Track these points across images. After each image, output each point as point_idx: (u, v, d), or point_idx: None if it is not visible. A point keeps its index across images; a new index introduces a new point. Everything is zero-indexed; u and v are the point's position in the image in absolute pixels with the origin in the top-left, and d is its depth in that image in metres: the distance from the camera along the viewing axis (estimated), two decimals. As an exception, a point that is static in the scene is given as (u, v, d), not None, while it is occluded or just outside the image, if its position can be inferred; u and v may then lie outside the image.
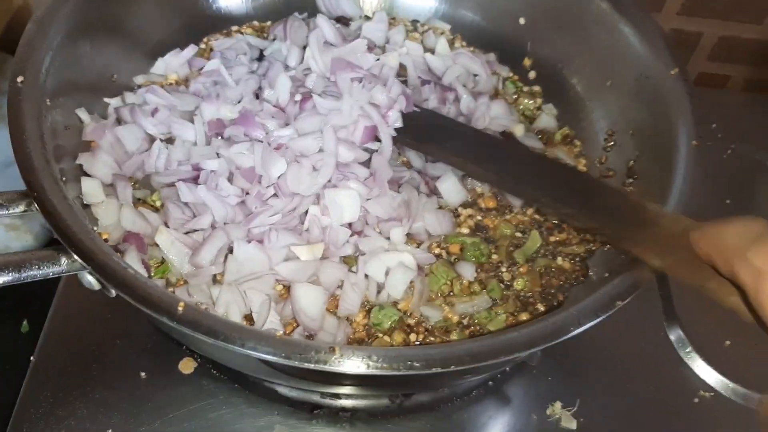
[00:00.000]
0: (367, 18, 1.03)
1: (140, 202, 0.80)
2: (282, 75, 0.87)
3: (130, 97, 0.87)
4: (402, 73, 0.94)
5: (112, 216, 0.75)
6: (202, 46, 0.98)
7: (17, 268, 0.60)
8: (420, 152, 0.86)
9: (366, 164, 0.82)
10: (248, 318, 0.73)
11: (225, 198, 0.77)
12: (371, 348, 0.62)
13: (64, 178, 0.68)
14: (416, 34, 1.02)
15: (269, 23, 1.02)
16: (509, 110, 0.94)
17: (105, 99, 0.86)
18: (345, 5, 1.02)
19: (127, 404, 0.77)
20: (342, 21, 1.01)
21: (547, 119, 0.95)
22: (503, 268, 0.80)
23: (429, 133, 0.85)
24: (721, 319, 0.84)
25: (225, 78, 0.89)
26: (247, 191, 0.79)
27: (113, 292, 0.65)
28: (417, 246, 0.80)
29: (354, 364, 0.58)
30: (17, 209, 0.65)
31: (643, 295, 0.67)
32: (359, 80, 0.87)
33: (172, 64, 0.93)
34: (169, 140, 0.85)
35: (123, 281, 0.61)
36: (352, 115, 0.84)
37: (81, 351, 0.80)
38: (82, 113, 0.81)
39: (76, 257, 0.61)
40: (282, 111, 0.86)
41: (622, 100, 0.90)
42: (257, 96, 0.88)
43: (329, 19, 0.96)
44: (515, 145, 0.89)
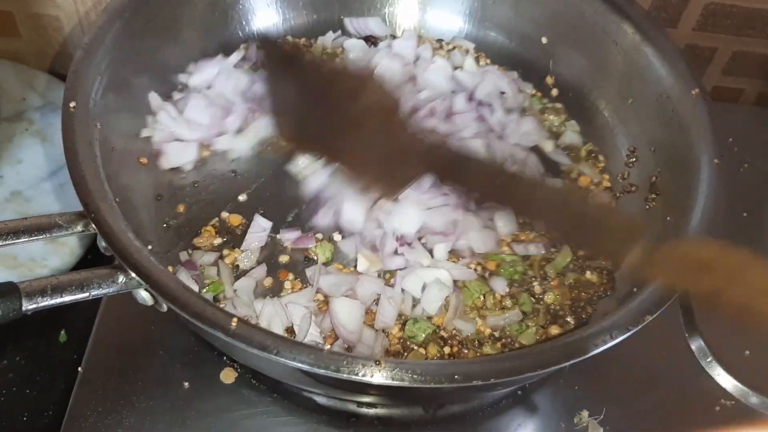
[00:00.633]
0: (394, 37, 1.06)
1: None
2: None
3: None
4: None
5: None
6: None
7: (80, 287, 0.63)
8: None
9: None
10: (289, 330, 0.76)
11: None
12: (414, 362, 0.65)
13: (118, 199, 0.72)
14: (442, 52, 1.05)
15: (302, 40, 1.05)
16: (539, 126, 0.97)
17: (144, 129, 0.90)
18: (373, 25, 1.05)
19: (171, 413, 0.80)
20: (370, 40, 1.04)
21: (572, 135, 0.98)
22: (534, 282, 0.83)
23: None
24: (741, 330, 0.87)
25: None
26: None
27: (165, 307, 0.68)
28: (455, 261, 0.83)
29: (398, 377, 0.61)
30: (76, 229, 0.68)
31: (665, 306, 0.70)
32: None
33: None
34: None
35: (178, 298, 0.64)
36: None
37: (126, 362, 0.83)
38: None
39: (134, 275, 0.65)
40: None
41: (644, 119, 0.93)
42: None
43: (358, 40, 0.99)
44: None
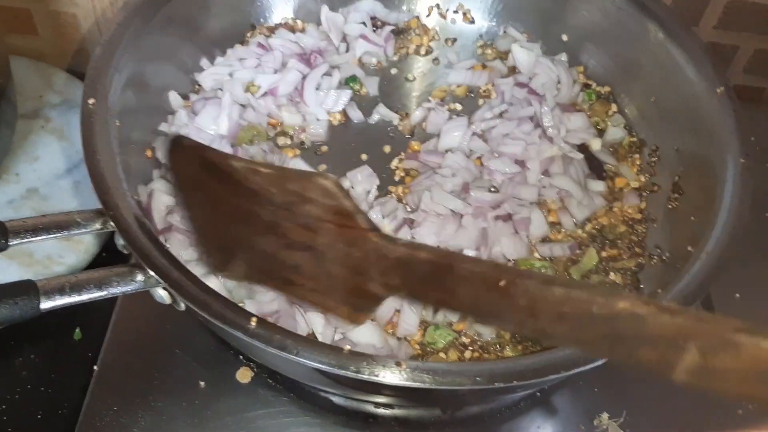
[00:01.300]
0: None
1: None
2: None
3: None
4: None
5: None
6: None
7: (98, 285, 0.62)
8: None
9: None
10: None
11: None
12: (434, 364, 0.64)
13: (136, 197, 0.71)
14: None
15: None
16: (588, 123, 0.95)
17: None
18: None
19: (188, 413, 0.79)
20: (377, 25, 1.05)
21: (615, 131, 0.96)
22: (558, 285, 0.81)
23: None
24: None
25: None
26: None
27: (183, 306, 0.68)
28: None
29: (418, 379, 0.60)
30: (94, 227, 0.67)
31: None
32: None
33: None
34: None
35: (197, 297, 0.63)
36: None
37: (142, 361, 0.83)
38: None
39: (152, 273, 0.64)
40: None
41: (667, 117, 0.92)
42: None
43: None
44: None
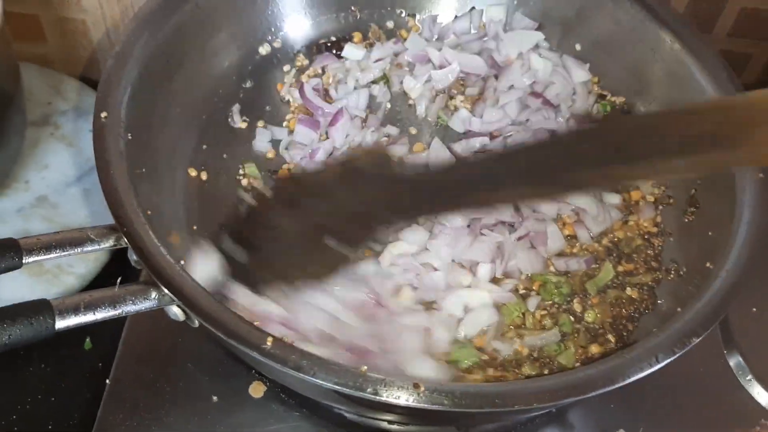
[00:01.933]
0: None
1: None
2: None
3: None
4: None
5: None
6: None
7: (113, 304, 0.61)
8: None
9: None
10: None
11: None
12: (453, 385, 0.63)
13: (149, 212, 0.70)
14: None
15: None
16: None
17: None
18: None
19: (200, 427, 0.79)
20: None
21: None
22: (574, 300, 0.81)
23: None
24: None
25: None
26: None
27: (196, 323, 0.67)
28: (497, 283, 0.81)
29: (437, 401, 0.60)
30: (107, 244, 0.67)
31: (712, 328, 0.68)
32: None
33: None
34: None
35: (211, 315, 0.63)
36: None
37: (154, 375, 0.82)
38: None
39: (167, 291, 0.63)
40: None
41: (683, 129, 0.90)
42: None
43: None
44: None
